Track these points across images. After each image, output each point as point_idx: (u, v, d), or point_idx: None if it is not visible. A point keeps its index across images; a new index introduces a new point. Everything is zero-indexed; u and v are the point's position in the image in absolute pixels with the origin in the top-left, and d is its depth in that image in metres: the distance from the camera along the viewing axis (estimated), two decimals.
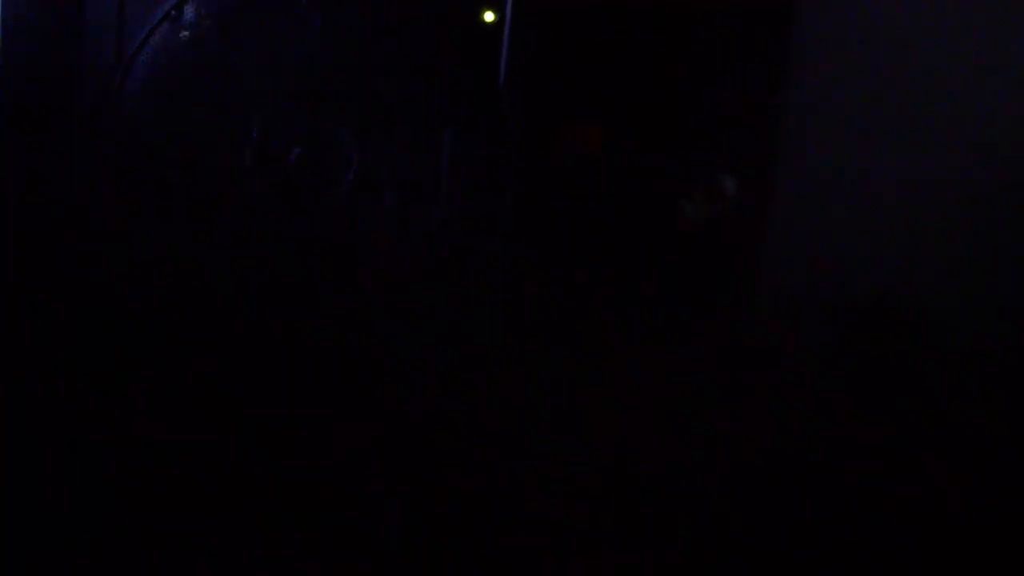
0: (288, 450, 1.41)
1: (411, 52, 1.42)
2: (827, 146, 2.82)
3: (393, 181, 1.43)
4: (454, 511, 1.69)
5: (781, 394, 2.80)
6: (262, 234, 1.42)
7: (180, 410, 1.41)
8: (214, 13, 1.37)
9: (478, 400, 1.52)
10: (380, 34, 1.42)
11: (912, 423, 2.67)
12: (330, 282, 1.44)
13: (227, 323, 1.41)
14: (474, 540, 1.82)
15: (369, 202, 1.43)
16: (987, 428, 2.67)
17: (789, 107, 2.78)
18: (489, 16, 1.45)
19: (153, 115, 1.36)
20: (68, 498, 1.49)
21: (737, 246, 2.51)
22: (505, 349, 1.60)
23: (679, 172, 2.29)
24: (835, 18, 2.82)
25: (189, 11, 1.36)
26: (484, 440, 1.47)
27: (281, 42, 1.38)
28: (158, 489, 1.41)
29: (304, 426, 1.41)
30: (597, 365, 1.96)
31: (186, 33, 1.35)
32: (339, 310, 1.45)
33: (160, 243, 1.39)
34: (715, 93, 2.47)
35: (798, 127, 2.80)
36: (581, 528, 2.09)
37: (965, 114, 2.75)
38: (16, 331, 1.42)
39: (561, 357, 1.84)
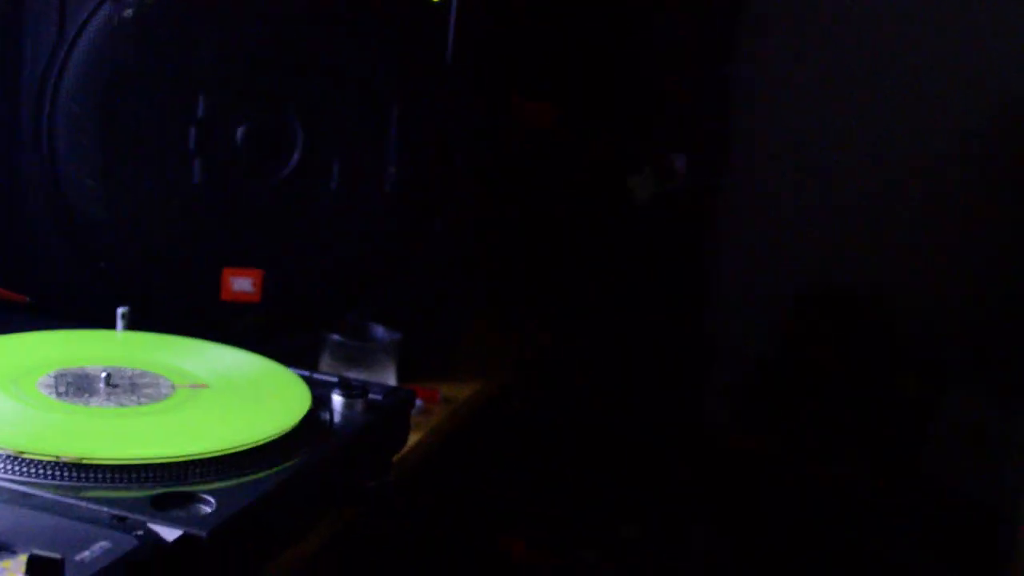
0: None
1: (358, 27, 1.41)
2: (779, 123, 2.83)
3: (340, 158, 1.42)
4: None
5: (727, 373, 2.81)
6: (208, 213, 1.40)
7: None
8: None
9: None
10: (327, 9, 1.41)
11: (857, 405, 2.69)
12: (277, 259, 1.43)
13: (168, 305, 1.40)
14: None
15: (316, 179, 1.42)
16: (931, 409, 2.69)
17: (740, 83, 2.79)
18: None
19: (96, 95, 1.34)
20: None
21: (687, 223, 2.52)
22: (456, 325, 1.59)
23: (629, 149, 2.29)
24: None
25: None
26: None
27: (226, 18, 1.36)
28: None
29: None
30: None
31: (130, 11, 1.33)
32: (286, 289, 1.44)
33: (105, 225, 1.38)
34: (666, 69, 2.47)
35: (749, 104, 2.81)
36: None
37: (924, 89, 2.76)
38: None
39: (515, 332, 1.83)
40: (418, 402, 1.39)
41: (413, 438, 1.32)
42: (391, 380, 1.37)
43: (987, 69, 2.73)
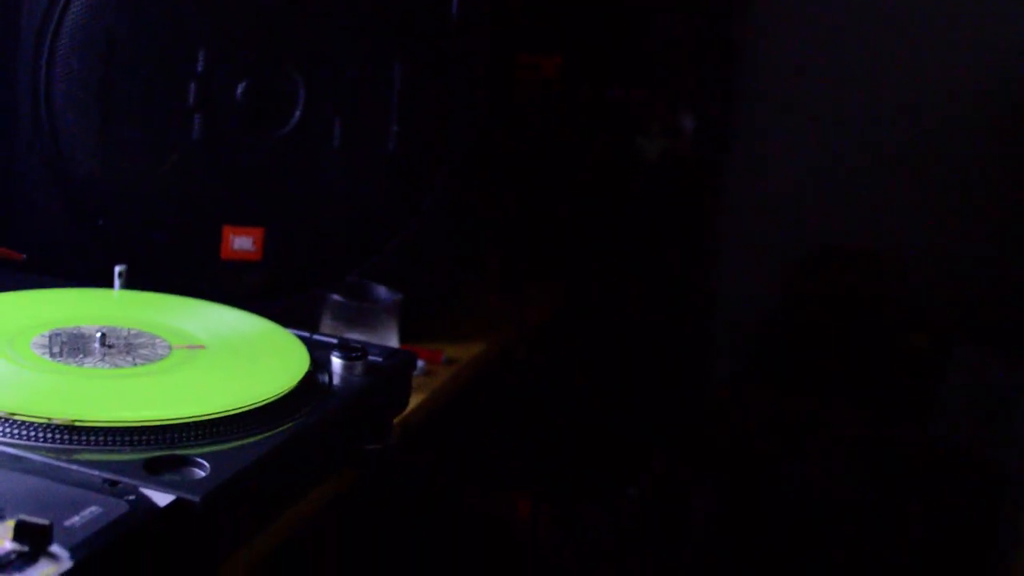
0: None
1: None
2: (785, 81, 2.81)
3: (342, 116, 1.41)
4: None
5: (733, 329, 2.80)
6: (208, 170, 1.39)
7: None
8: None
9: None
10: None
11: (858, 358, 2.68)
12: (277, 218, 1.41)
13: (167, 264, 1.39)
14: None
15: (318, 137, 1.40)
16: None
17: (748, 43, 2.76)
18: None
19: (95, 50, 1.33)
20: None
21: (694, 182, 2.50)
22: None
23: (637, 107, 2.27)
24: None
25: None
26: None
27: None
28: None
29: None
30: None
31: None
32: (287, 248, 1.42)
33: (103, 182, 1.36)
34: (674, 26, 2.44)
35: (755, 62, 2.78)
36: None
37: (933, 46, 2.73)
38: None
39: (520, 293, 1.82)
40: (421, 363, 1.37)
41: (416, 400, 1.30)
42: (393, 341, 1.36)
43: (1002, 22, 2.70)
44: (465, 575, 1.90)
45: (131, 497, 0.80)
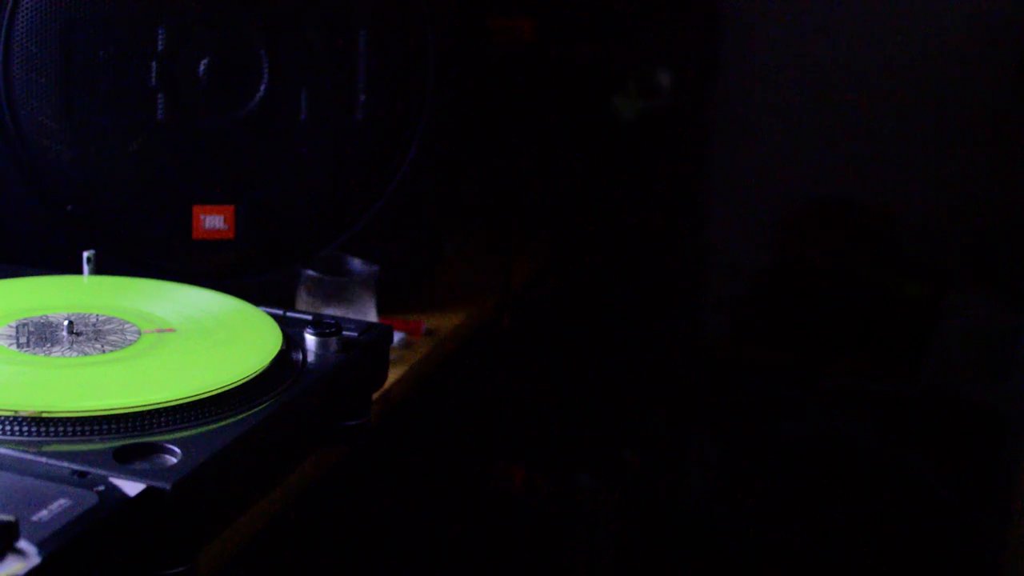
0: None
1: None
2: (771, 31, 2.78)
3: (308, 87, 1.38)
4: None
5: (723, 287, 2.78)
6: (175, 150, 1.36)
7: None
8: None
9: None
10: None
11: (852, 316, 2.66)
12: (248, 195, 1.39)
13: (138, 247, 1.37)
14: None
15: (285, 110, 1.38)
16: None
17: None
18: None
19: (53, 32, 1.30)
20: None
21: (676, 139, 2.47)
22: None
23: (613, 65, 2.24)
24: None
25: None
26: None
27: None
28: None
29: None
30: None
31: None
32: (260, 224, 1.40)
33: (69, 167, 1.34)
34: None
35: (737, 12, 2.75)
36: None
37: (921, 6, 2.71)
38: None
39: (502, 257, 1.79)
40: (399, 336, 1.36)
41: (396, 373, 1.28)
42: (371, 314, 1.33)
43: None
44: (461, 549, 1.88)
45: (100, 488, 0.78)
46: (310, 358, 1.03)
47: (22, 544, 0.70)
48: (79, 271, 1.18)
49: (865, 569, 2.53)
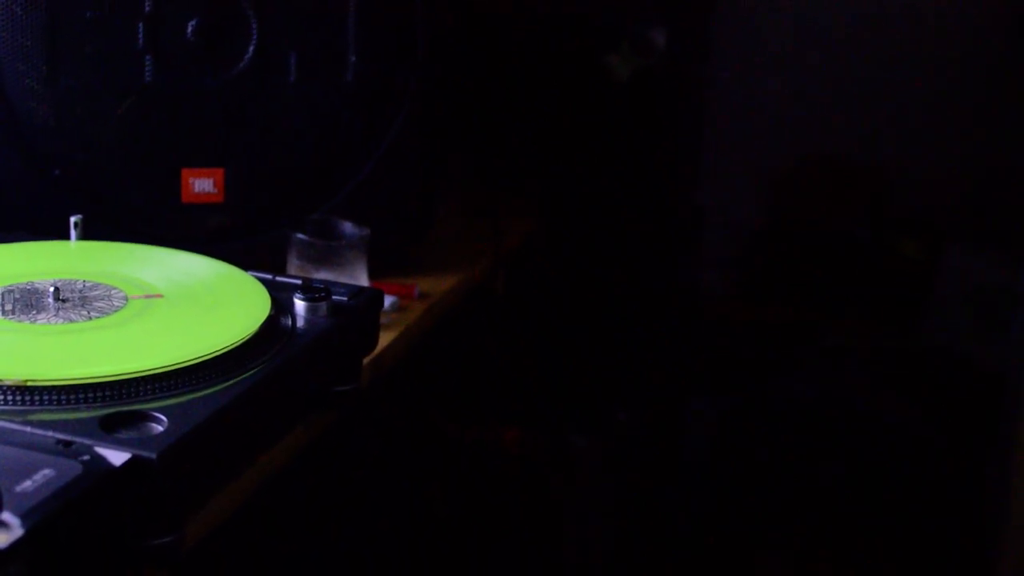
0: None
1: None
2: None
3: (297, 49, 1.37)
4: None
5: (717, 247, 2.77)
6: (163, 113, 1.35)
7: None
8: None
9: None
10: None
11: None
12: (237, 158, 1.38)
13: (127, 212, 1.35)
14: None
15: (274, 72, 1.36)
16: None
17: None
18: None
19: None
20: None
21: (671, 98, 2.45)
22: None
23: (606, 24, 2.22)
24: None
25: None
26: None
27: None
28: None
29: None
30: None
31: None
32: (250, 188, 1.39)
33: (56, 131, 1.32)
34: None
35: None
36: None
37: None
38: None
39: (495, 219, 1.78)
40: (391, 299, 1.34)
41: (389, 337, 1.27)
42: (362, 278, 1.32)
43: None
44: (455, 511, 1.88)
45: (85, 457, 0.77)
46: (299, 323, 1.02)
47: (5, 515, 0.69)
48: (66, 236, 1.17)
49: (862, 525, 2.53)
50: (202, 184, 1.36)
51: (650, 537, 2.41)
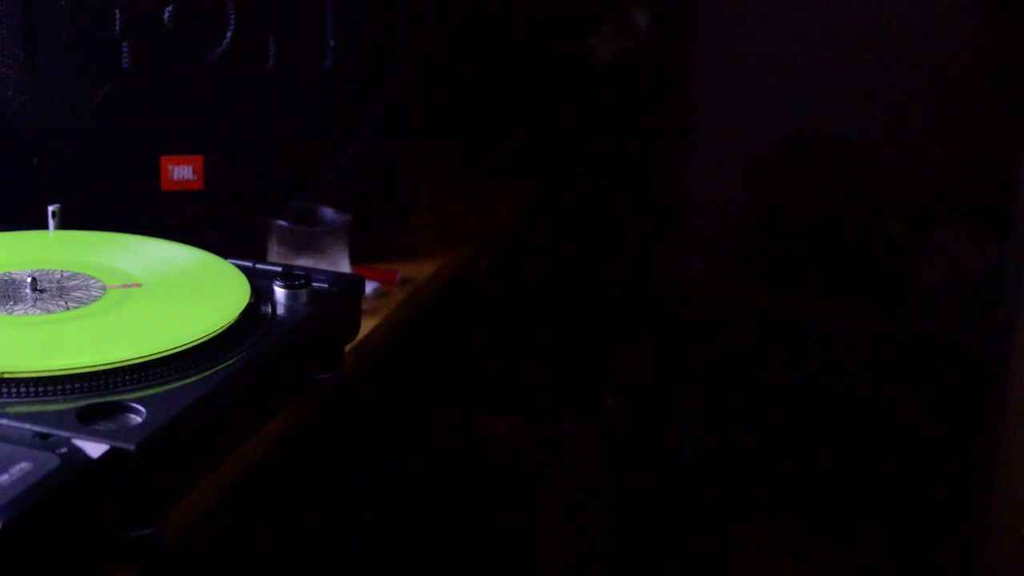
0: None
1: None
2: None
3: (276, 34, 1.35)
4: None
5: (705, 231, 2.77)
6: (141, 100, 1.33)
7: None
8: None
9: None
10: None
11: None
12: (217, 145, 1.36)
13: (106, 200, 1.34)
14: None
15: (252, 58, 1.35)
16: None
17: None
18: None
19: None
20: None
21: (654, 80, 2.44)
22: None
23: (589, 6, 2.21)
24: None
25: None
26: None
27: None
28: None
29: None
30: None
31: None
32: (230, 174, 1.37)
33: (33, 119, 1.31)
34: None
35: None
36: None
37: None
38: None
39: (479, 203, 1.77)
40: (373, 285, 1.33)
41: (371, 323, 1.26)
42: (343, 264, 1.31)
43: None
44: (443, 499, 1.87)
45: (63, 450, 0.76)
46: (279, 311, 1.01)
47: None
48: (44, 226, 1.15)
49: (851, 510, 2.53)
50: (181, 171, 1.35)
51: (639, 523, 2.40)
